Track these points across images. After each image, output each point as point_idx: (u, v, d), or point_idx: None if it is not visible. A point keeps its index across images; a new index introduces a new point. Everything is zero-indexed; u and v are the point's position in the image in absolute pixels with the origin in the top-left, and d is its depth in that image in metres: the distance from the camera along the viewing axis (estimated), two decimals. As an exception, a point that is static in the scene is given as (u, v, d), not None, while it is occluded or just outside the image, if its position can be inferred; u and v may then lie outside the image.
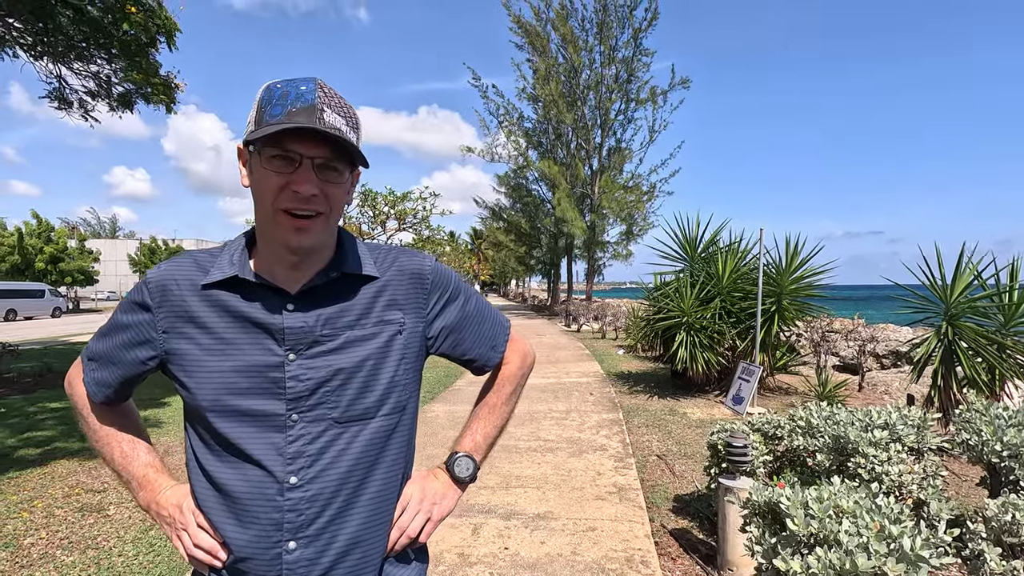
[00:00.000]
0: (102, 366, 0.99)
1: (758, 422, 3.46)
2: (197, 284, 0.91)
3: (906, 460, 2.69)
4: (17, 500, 3.77)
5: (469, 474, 1.07)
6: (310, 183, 0.83)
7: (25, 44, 7.61)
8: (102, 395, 1.00)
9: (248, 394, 0.88)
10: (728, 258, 7.89)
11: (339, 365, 0.90)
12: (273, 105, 0.83)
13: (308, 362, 0.89)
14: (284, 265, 0.91)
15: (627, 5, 22.63)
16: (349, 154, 0.87)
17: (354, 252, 0.98)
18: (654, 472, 4.47)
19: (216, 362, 0.89)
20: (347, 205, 0.96)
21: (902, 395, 7.39)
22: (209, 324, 0.90)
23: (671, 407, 6.87)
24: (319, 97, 0.84)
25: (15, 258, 31.67)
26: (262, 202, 0.86)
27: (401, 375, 0.97)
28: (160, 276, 0.93)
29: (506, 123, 25.84)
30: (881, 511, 1.76)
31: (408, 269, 1.01)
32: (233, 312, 0.90)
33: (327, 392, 0.90)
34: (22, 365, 9.41)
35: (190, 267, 0.93)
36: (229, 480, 0.89)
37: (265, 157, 0.84)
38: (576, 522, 3.45)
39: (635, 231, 25.81)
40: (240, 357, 0.89)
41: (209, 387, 0.88)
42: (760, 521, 2.10)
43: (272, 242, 0.89)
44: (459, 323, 1.07)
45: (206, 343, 0.89)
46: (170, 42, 7.71)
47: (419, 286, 1.01)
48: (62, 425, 5.75)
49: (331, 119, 0.83)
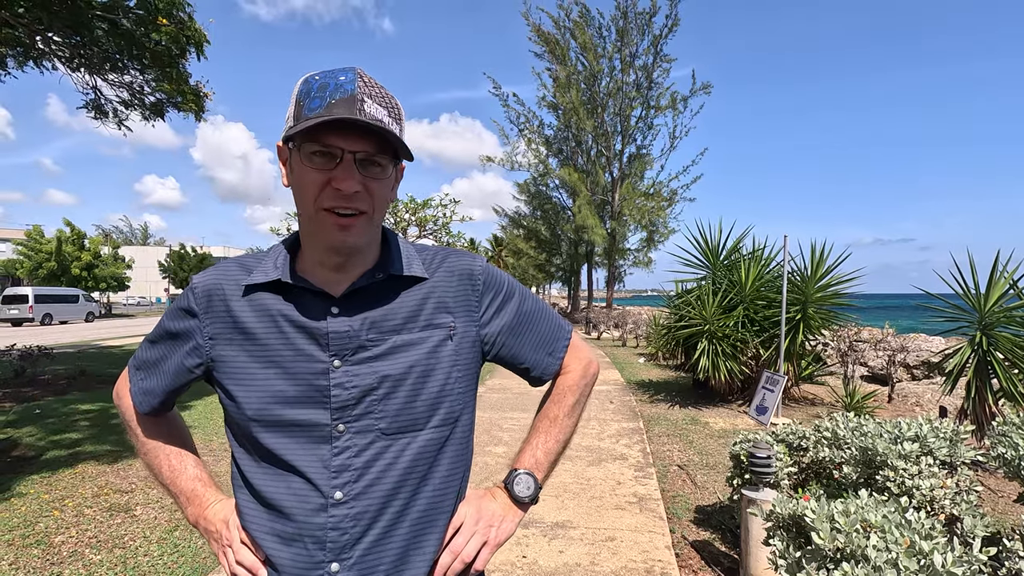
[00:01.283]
0: (149, 375, 0.96)
1: (782, 433, 3.38)
2: (243, 288, 0.88)
3: (938, 474, 2.60)
4: (49, 499, 3.87)
5: (530, 494, 0.97)
6: (352, 179, 0.78)
7: (63, 56, 7.92)
8: (148, 405, 0.97)
9: (294, 403, 0.84)
10: (751, 265, 7.77)
11: (385, 372, 0.85)
12: (312, 98, 0.78)
13: (354, 368, 0.84)
14: (328, 266, 0.87)
15: (647, 12, 22.59)
16: (392, 147, 0.82)
17: (401, 252, 0.93)
18: (675, 482, 4.40)
19: (262, 369, 0.85)
20: (391, 202, 0.90)
21: (934, 407, 7.16)
22: (254, 330, 0.86)
23: (693, 416, 6.77)
24: (359, 87, 0.78)
25: (52, 264, 32.80)
26: (303, 201, 0.82)
27: (453, 383, 0.90)
28: (206, 281, 0.91)
29: (526, 131, 25.96)
30: (911, 526, 1.71)
31: (458, 269, 0.95)
32: (277, 317, 0.86)
33: (374, 401, 0.85)
34: (56, 368, 9.72)
35: (236, 272, 0.90)
36: (273, 493, 0.85)
37: (305, 154, 0.79)
38: (595, 532, 3.41)
39: (656, 238, 25.64)
40: (285, 364, 0.85)
41: (255, 395, 0.85)
42: (784, 534, 2.05)
43: (315, 242, 0.86)
44: (514, 326, 0.99)
45: (252, 350, 0.86)
46: (199, 52, 7.94)
47: (470, 287, 0.94)
48: (94, 427, 5.91)
49: (372, 110, 0.77)
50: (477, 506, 0.94)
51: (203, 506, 0.97)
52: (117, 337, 18.38)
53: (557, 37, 23.75)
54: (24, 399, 7.21)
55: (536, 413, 1.08)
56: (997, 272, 5.10)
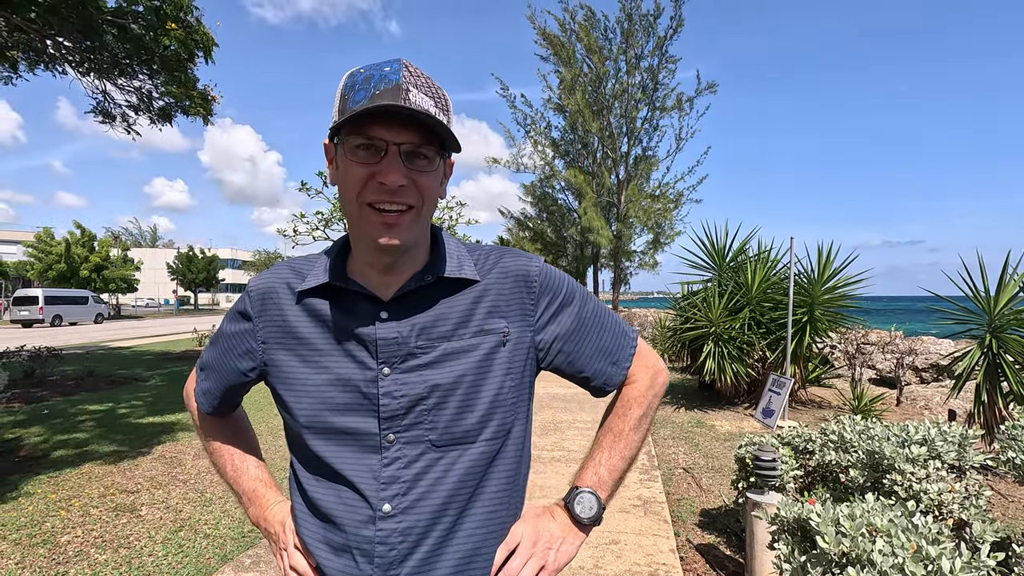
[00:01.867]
0: (208, 376, 0.98)
1: (788, 436, 3.35)
2: (295, 292, 0.87)
3: (946, 478, 2.57)
4: (56, 499, 3.90)
5: (593, 514, 0.90)
6: (398, 172, 0.75)
7: (73, 61, 8.00)
8: (208, 405, 0.99)
9: (344, 410, 0.82)
10: (757, 267, 7.73)
11: (435, 381, 0.82)
12: (356, 91, 0.75)
13: (403, 377, 0.81)
14: (377, 267, 0.84)
15: (651, 14, 22.57)
16: (440, 139, 0.78)
17: (451, 253, 0.89)
18: (680, 485, 4.37)
19: (313, 375, 0.84)
20: (441, 197, 0.86)
21: (943, 410, 7.09)
22: (305, 334, 0.85)
23: (698, 419, 6.73)
24: (404, 77, 0.75)
25: (62, 266, 33.12)
26: (347, 197, 0.79)
27: (506, 393, 0.85)
28: (260, 285, 0.90)
29: (532, 133, 25.96)
30: (918, 531, 1.68)
31: (512, 271, 0.89)
32: (327, 321, 0.84)
33: (424, 411, 0.82)
34: (65, 368, 9.80)
35: (288, 274, 0.89)
36: (324, 502, 0.84)
37: (349, 148, 0.76)
38: (599, 534, 3.39)
39: (662, 240, 25.54)
40: (335, 370, 0.83)
41: (306, 401, 0.84)
42: (789, 538, 2.03)
43: (362, 242, 0.83)
44: (573, 332, 0.92)
45: (304, 355, 0.85)
46: (207, 56, 7.99)
47: (525, 290, 0.89)
48: (100, 427, 5.95)
49: (418, 99, 0.74)
50: (534, 526, 0.88)
51: (263, 507, 0.97)
52: (125, 339, 18.52)
53: (563, 40, 23.77)
54: (33, 399, 7.27)
55: (599, 427, 1.00)
56: (1007, 274, 5.05)
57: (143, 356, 12.93)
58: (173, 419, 6.41)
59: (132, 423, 6.19)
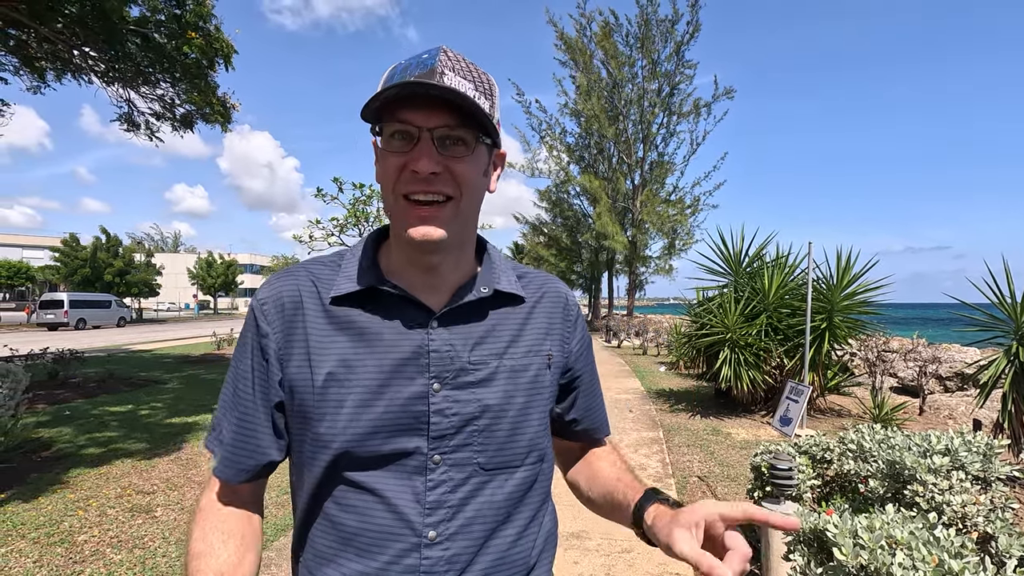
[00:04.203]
0: (227, 426, 0.79)
1: (806, 444, 3.28)
2: (323, 299, 0.77)
3: (970, 490, 2.49)
4: (74, 499, 3.97)
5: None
6: (429, 158, 0.69)
7: (98, 71, 8.20)
8: (232, 467, 0.78)
9: (389, 431, 0.74)
10: (775, 273, 7.61)
11: (488, 400, 0.77)
12: (393, 80, 0.70)
13: (454, 394, 0.75)
14: (419, 268, 0.77)
15: (669, 19, 22.53)
16: (478, 122, 0.71)
17: (503, 266, 0.86)
18: (695, 494, 4.30)
19: (354, 393, 0.74)
20: (488, 191, 0.80)
21: (968, 420, 6.89)
22: (342, 347, 0.75)
23: (714, 427, 6.63)
24: (440, 61, 0.69)
25: (86, 271, 33.92)
26: (385, 191, 0.74)
27: (546, 416, 0.85)
28: (275, 292, 0.78)
29: (548, 138, 26.01)
30: (940, 544, 1.63)
31: (553, 293, 0.88)
32: (369, 331, 0.75)
33: (474, 432, 0.76)
34: (87, 371, 10.00)
35: (308, 278, 0.79)
36: (356, 530, 0.74)
37: (384, 138, 0.72)
38: (611, 543, 3.35)
39: (678, 245, 25.39)
40: (378, 386, 0.74)
41: (343, 423, 0.73)
42: (805, 549, 1.98)
43: (400, 238, 0.76)
44: (589, 371, 0.92)
45: (340, 370, 0.74)
46: (227, 64, 8.15)
47: (564, 315, 0.88)
48: (120, 429, 6.05)
49: (453, 82, 0.68)
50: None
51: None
52: (146, 342, 18.87)
53: (581, 45, 23.83)
54: (56, 401, 7.43)
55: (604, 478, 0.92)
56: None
57: (163, 359, 13.15)
58: (190, 421, 6.49)
59: (151, 425, 6.28)
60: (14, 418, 4.90)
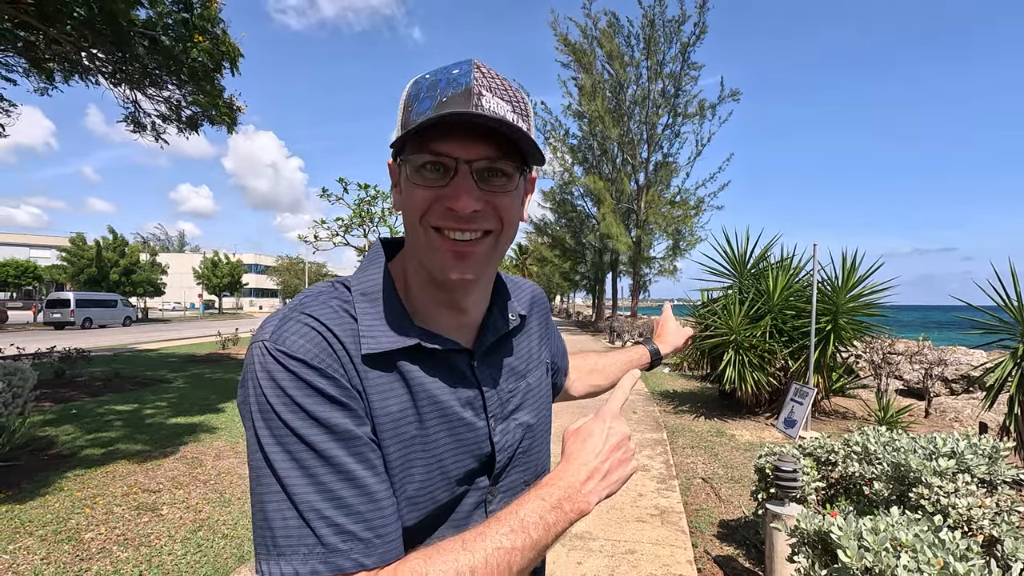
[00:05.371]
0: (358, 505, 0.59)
1: (810, 446, 3.28)
2: (358, 348, 0.65)
3: (976, 492, 2.48)
4: (81, 497, 4.00)
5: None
6: (469, 195, 0.62)
7: (106, 72, 8.26)
8: (394, 543, 0.61)
9: (458, 480, 0.71)
10: (779, 274, 7.59)
11: (527, 422, 0.79)
12: (421, 100, 0.62)
13: (503, 425, 0.75)
14: (447, 305, 0.71)
15: (675, 20, 22.49)
16: (519, 151, 0.65)
17: (507, 286, 0.84)
18: (699, 495, 4.30)
19: (424, 450, 0.67)
20: (523, 220, 0.72)
21: (974, 423, 6.86)
22: (401, 402, 0.66)
23: (718, 428, 6.62)
24: (475, 79, 0.61)
25: (92, 270, 34.13)
26: (410, 222, 0.66)
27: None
28: (313, 340, 0.62)
29: (552, 139, 26.00)
30: (945, 546, 1.62)
31: (533, 296, 0.91)
32: (424, 384, 0.68)
33: (520, 454, 0.78)
34: (93, 370, 10.07)
35: (326, 332, 0.63)
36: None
37: (412, 168, 0.63)
38: (615, 544, 3.35)
39: (682, 246, 25.33)
40: (447, 439, 0.69)
41: (409, 487, 0.66)
42: (809, 551, 1.97)
43: (428, 276, 0.68)
44: (560, 340, 1.04)
45: (408, 430, 0.66)
46: (233, 67, 8.19)
47: (544, 314, 0.93)
48: (126, 427, 6.09)
49: (492, 105, 0.60)
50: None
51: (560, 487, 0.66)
52: (152, 341, 18.95)
53: (584, 46, 23.81)
54: (62, 399, 7.48)
55: (598, 367, 1.21)
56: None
57: (168, 358, 13.21)
58: (196, 420, 6.53)
59: (156, 424, 6.32)
60: (21, 416, 4.94)
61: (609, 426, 0.70)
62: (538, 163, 0.69)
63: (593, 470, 0.67)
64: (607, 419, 0.71)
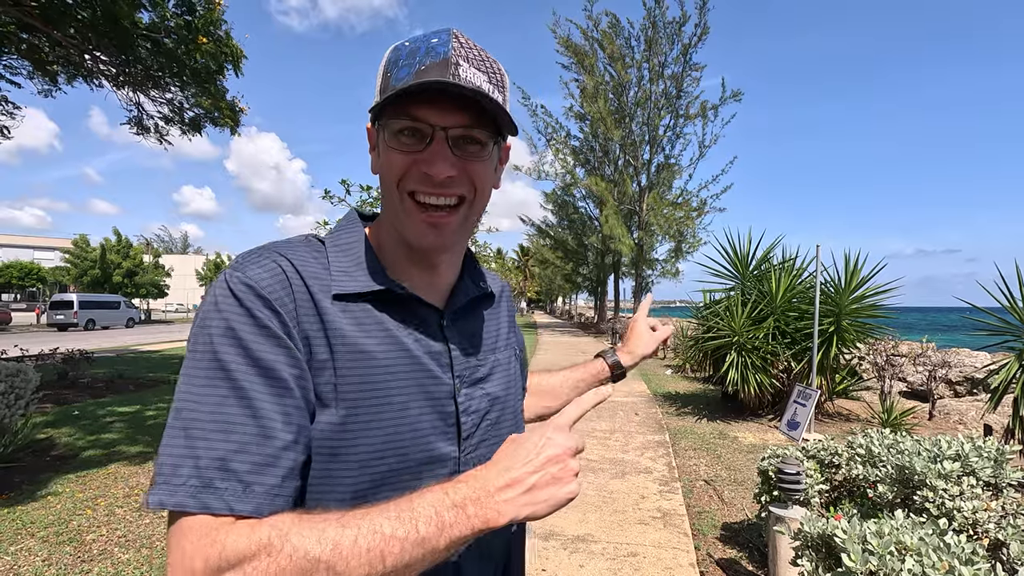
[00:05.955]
0: (242, 451, 0.54)
1: (813, 449, 3.26)
2: (326, 294, 0.65)
3: (981, 496, 2.46)
4: (83, 498, 4.00)
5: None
6: (445, 161, 0.64)
7: (109, 74, 8.29)
8: (286, 485, 0.56)
9: (427, 437, 0.68)
10: (782, 276, 7.57)
11: (495, 393, 0.77)
12: (399, 67, 0.64)
13: (470, 391, 0.74)
14: (421, 267, 0.74)
15: (676, 21, 22.47)
16: (493, 120, 0.67)
17: (477, 263, 0.87)
18: (701, 498, 4.28)
19: (393, 400, 0.65)
20: (495, 188, 0.75)
21: (978, 425, 6.82)
22: (364, 346, 0.65)
23: (721, 430, 6.60)
24: (454, 49, 0.64)
25: (96, 272, 34.22)
26: (388, 186, 0.68)
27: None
28: (271, 273, 0.62)
29: (554, 141, 26.00)
30: (950, 550, 1.61)
31: (502, 285, 0.93)
32: (394, 332, 0.68)
33: (488, 426, 0.75)
34: (96, 371, 10.08)
35: (295, 267, 0.64)
36: None
37: (391, 132, 0.66)
38: (617, 546, 3.33)
39: (684, 248, 25.29)
40: (415, 388, 0.67)
41: (379, 434, 0.63)
42: (813, 554, 1.96)
43: (402, 237, 0.71)
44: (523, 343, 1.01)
45: (368, 372, 0.64)
46: (236, 69, 8.21)
47: (511, 308, 0.94)
48: (128, 428, 6.09)
49: (469, 74, 0.63)
50: None
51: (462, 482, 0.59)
52: (155, 343, 18.99)
53: (585, 48, 23.81)
54: (64, 401, 7.49)
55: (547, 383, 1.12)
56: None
57: (171, 360, 13.23)
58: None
59: (158, 425, 6.32)
60: (24, 418, 4.95)
61: (549, 436, 0.63)
62: (511, 133, 0.71)
63: (515, 479, 0.58)
64: (549, 429, 0.64)
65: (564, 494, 0.61)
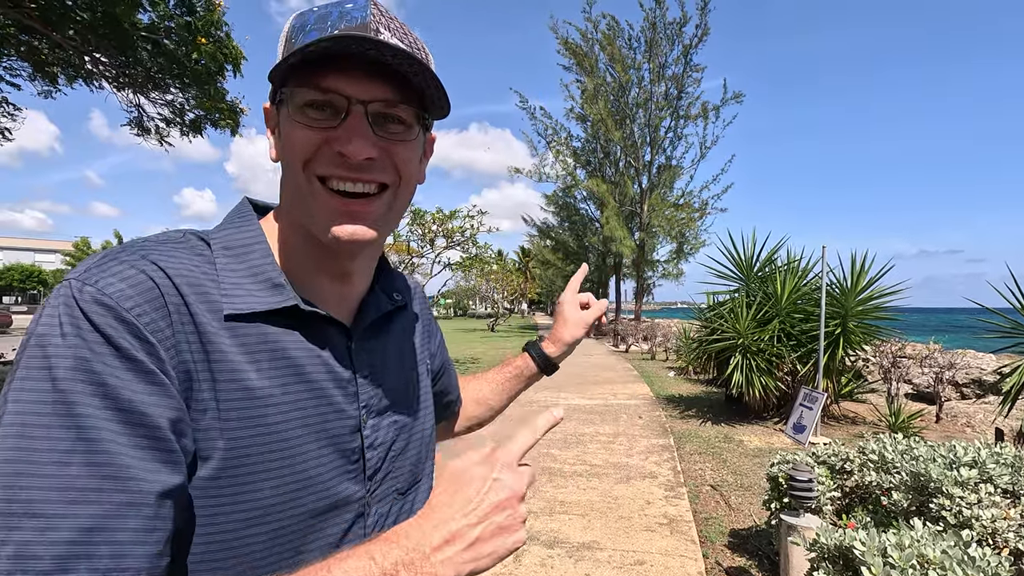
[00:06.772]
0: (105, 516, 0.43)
1: (823, 454, 3.20)
2: (216, 309, 0.53)
3: (999, 503, 2.39)
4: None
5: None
6: (364, 139, 0.54)
7: (109, 76, 8.26)
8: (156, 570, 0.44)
9: (327, 480, 0.58)
10: (787, 277, 7.51)
11: (402, 421, 0.68)
12: (307, 33, 0.54)
13: (376, 421, 0.64)
14: (330, 275, 0.62)
15: (676, 22, 22.45)
16: (419, 96, 0.57)
17: (389, 265, 0.75)
18: (708, 503, 4.21)
19: (289, 443, 0.55)
20: (420, 182, 0.65)
21: (987, 428, 6.75)
22: (250, 377, 0.53)
23: (726, 434, 6.53)
24: (372, 14, 0.55)
25: (97, 274, 34.28)
26: (291, 170, 0.57)
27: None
28: (140, 286, 0.48)
29: (554, 143, 25.98)
30: (975, 563, 1.55)
31: (416, 288, 0.82)
32: (293, 359, 0.57)
33: (393, 457, 0.66)
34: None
35: (193, 269, 0.54)
36: None
37: (294, 106, 0.55)
38: (623, 554, 3.27)
39: (686, 249, 25.26)
40: (318, 429, 0.57)
41: (270, 482, 0.53)
42: (830, 567, 1.90)
43: (311, 236, 0.58)
44: (445, 350, 0.91)
45: (270, 417, 0.54)
46: (236, 70, 8.18)
47: (424, 308, 0.83)
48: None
49: (393, 43, 0.53)
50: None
51: (400, 536, 0.50)
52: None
53: (585, 50, 23.78)
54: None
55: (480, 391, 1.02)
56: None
57: (172, 363, 13.18)
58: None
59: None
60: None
61: (495, 478, 0.51)
62: (439, 116, 0.61)
63: (455, 533, 0.48)
64: (497, 466, 0.52)
65: (511, 544, 0.51)
